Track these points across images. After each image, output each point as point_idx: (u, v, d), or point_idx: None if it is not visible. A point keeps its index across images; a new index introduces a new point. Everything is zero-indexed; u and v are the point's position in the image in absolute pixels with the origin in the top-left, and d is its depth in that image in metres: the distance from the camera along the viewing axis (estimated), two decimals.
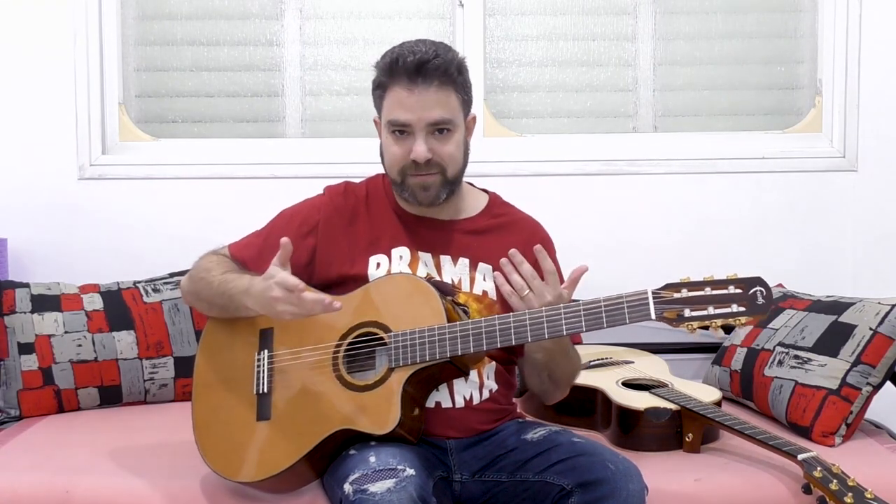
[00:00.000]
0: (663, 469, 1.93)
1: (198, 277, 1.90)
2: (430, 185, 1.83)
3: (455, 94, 1.81)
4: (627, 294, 1.61)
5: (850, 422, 2.13)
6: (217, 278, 1.85)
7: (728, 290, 1.58)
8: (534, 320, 1.67)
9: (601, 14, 2.90)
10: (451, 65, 1.80)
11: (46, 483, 1.88)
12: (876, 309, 2.20)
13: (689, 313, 1.58)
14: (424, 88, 1.77)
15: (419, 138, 1.79)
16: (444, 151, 1.81)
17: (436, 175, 1.82)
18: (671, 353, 2.63)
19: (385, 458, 1.63)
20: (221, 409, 1.84)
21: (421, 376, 1.73)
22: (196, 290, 1.91)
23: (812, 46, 2.88)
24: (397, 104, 1.79)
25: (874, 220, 2.82)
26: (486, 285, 1.88)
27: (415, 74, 1.77)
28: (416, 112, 1.78)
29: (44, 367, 2.41)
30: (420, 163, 1.79)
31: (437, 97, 1.78)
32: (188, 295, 1.97)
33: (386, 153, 1.86)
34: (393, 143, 1.82)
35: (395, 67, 1.79)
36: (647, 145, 2.88)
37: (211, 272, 1.87)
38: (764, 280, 1.59)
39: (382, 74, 1.82)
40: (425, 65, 1.76)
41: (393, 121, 1.80)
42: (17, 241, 2.74)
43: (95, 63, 2.79)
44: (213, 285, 1.84)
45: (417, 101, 1.77)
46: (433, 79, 1.77)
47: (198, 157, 2.85)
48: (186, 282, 1.95)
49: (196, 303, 1.95)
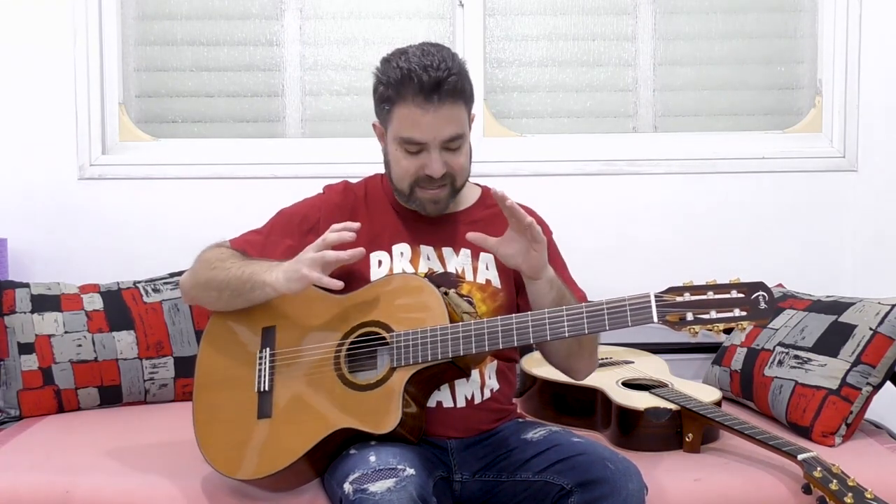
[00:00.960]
0: (663, 469, 1.93)
1: (209, 265, 1.85)
2: (440, 199, 1.85)
3: (465, 107, 1.82)
4: (630, 297, 1.62)
5: (850, 422, 2.13)
6: (236, 264, 1.82)
7: (730, 295, 1.58)
8: (536, 322, 1.67)
9: (601, 14, 2.90)
10: (464, 78, 1.79)
11: (46, 483, 1.88)
12: (876, 309, 2.20)
13: (692, 317, 1.58)
14: (439, 107, 1.76)
15: (434, 155, 1.79)
16: (456, 164, 1.83)
17: (446, 188, 1.84)
18: (671, 353, 2.63)
19: (385, 457, 1.63)
20: (222, 406, 1.84)
21: (423, 376, 1.73)
22: (207, 278, 1.85)
23: (812, 46, 2.88)
24: (411, 123, 1.78)
25: (874, 220, 2.82)
26: (488, 274, 1.89)
27: (430, 93, 1.75)
28: (432, 132, 1.77)
29: (44, 367, 2.41)
30: (435, 178, 1.81)
31: (449, 114, 1.78)
32: (194, 288, 1.90)
33: (395, 166, 1.85)
34: (403, 157, 1.82)
35: (407, 83, 1.75)
36: (647, 145, 2.88)
37: (226, 260, 1.84)
38: (766, 285, 1.59)
39: (391, 89, 1.79)
40: (441, 84, 1.74)
41: (407, 139, 1.79)
42: (17, 241, 2.74)
43: (95, 63, 2.79)
44: (230, 270, 1.80)
45: (432, 120, 1.76)
46: (447, 97, 1.76)
47: (198, 157, 2.85)
48: (190, 276, 1.90)
49: (203, 293, 1.88)
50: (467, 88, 1.81)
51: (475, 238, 1.74)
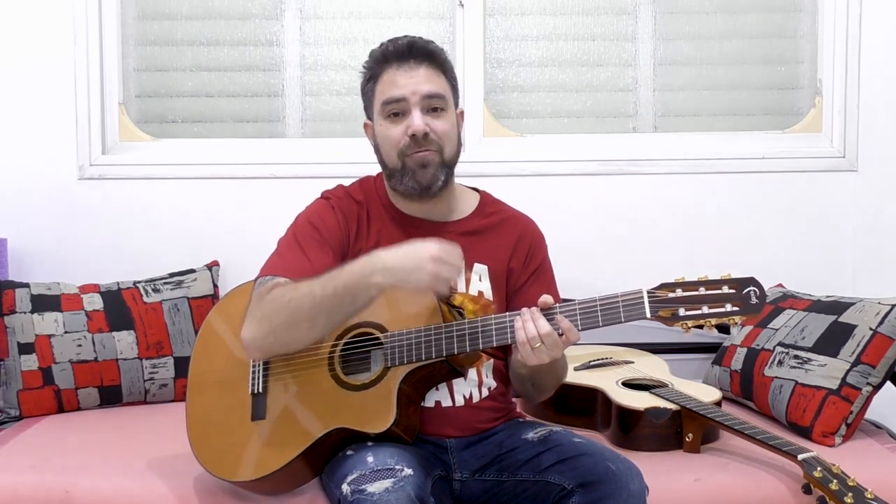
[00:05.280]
0: (663, 469, 1.93)
1: (281, 304, 1.69)
2: (429, 162, 1.82)
3: (445, 77, 1.86)
4: (623, 293, 1.62)
5: (850, 422, 2.13)
6: (316, 285, 1.67)
7: (722, 290, 1.60)
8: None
9: (601, 14, 2.90)
10: (440, 50, 1.87)
11: (46, 483, 1.88)
12: (876, 309, 2.20)
13: (684, 312, 1.59)
14: (416, 66, 1.82)
15: (415, 112, 1.81)
16: (439, 127, 1.83)
17: (434, 152, 1.83)
18: (671, 353, 2.63)
19: (383, 458, 1.63)
20: (216, 409, 1.84)
21: (417, 376, 1.73)
22: (289, 315, 1.69)
23: (812, 46, 2.88)
24: (390, 84, 1.83)
25: (874, 220, 2.82)
26: (481, 286, 1.88)
27: (406, 55, 1.82)
28: (410, 86, 1.81)
29: (44, 367, 2.41)
30: (419, 136, 1.80)
31: (427, 73, 1.83)
32: (271, 334, 1.71)
33: (383, 141, 1.86)
34: (389, 125, 1.84)
35: (385, 54, 1.84)
36: (647, 145, 2.88)
37: (300, 289, 1.68)
38: (757, 280, 1.60)
39: (373, 64, 1.87)
40: (414, 45, 1.83)
41: (387, 99, 1.82)
42: (17, 241, 2.74)
43: (95, 63, 2.79)
44: (315, 295, 1.66)
45: (410, 77, 1.82)
46: (423, 58, 1.83)
47: (198, 157, 2.85)
48: (258, 325, 1.72)
49: (289, 333, 1.70)
50: (445, 61, 1.87)
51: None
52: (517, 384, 1.89)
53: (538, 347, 1.63)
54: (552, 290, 1.89)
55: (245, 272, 1.98)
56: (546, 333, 1.62)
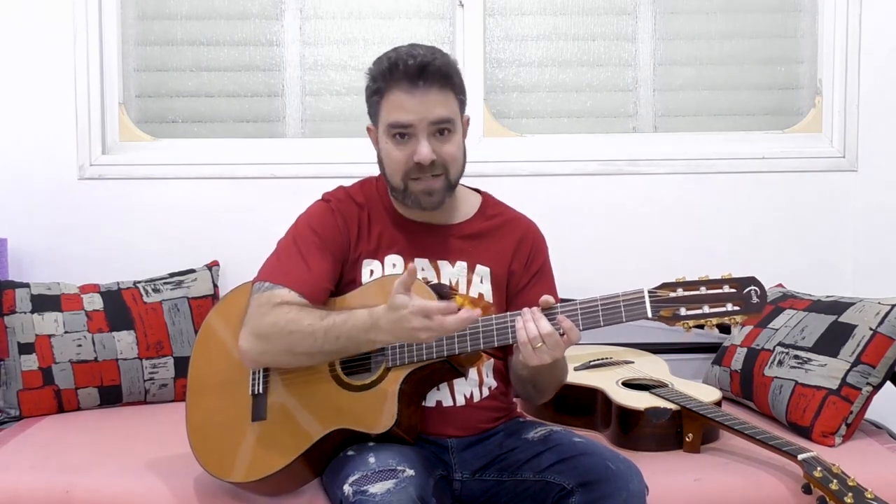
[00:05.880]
0: (663, 469, 1.93)
1: (284, 331, 1.71)
2: (434, 191, 1.80)
3: (454, 95, 1.80)
4: (624, 293, 1.62)
5: (850, 422, 2.13)
6: (319, 326, 1.69)
7: (723, 290, 1.60)
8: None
9: (601, 14, 2.90)
10: (451, 67, 1.79)
11: (46, 483, 1.88)
12: (876, 309, 2.20)
13: (685, 312, 1.59)
14: (426, 90, 1.74)
15: (422, 139, 1.76)
16: (446, 152, 1.79)
17: (440, 178, 1.80)
18: (671, 353, 2.63)
19: (385, 458, 1.63)
20: (216, 410, 1.84)
21: (418, 376, 1.73)
22: (288, 345, 1.72)
23: (812, 46, 2.88)
24: (398, 107, 1.76)
25: (874, 220, 2.82)
26: (482, 288, 1.88)
27: (416, 77, 1.74)
28: (419, 113, 1.75)
29: (44, 367, 2.41)
30: (425, 164, 1.76)
31: (437, 98, 1.76)
32: (266, 354, 1.75)
33: (387, 159, 1.82)
34: (394, 147, 1.79)
35: (394, 71, 1.75)
36: (647, 145, 2.88)
37: (303, 322, 1.70)
38: (758, 280, 1.60)
39: (380, 79, 1.78)
40: (426, 67, 1.74)
41: (394, 123, 1.77)
42: (17, 241, 2.74)
43: (95, 63, 2.79)
44: (316, 335, 1.68)
45: (419, 102, 1.74)
46: (434, 81, 1.75)
47: (198, 157, 2.85)
48: (258, 342, 1.75)
49: (286, 359, 1.75)
50: (455, 78, 1.80)
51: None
52: (518, 386, 1.89)
53: (539, 347, 1.62)
54: (552, 293, 1.87)
55: (245, 272, 1.97)
56: (547, 333, 1.62)
